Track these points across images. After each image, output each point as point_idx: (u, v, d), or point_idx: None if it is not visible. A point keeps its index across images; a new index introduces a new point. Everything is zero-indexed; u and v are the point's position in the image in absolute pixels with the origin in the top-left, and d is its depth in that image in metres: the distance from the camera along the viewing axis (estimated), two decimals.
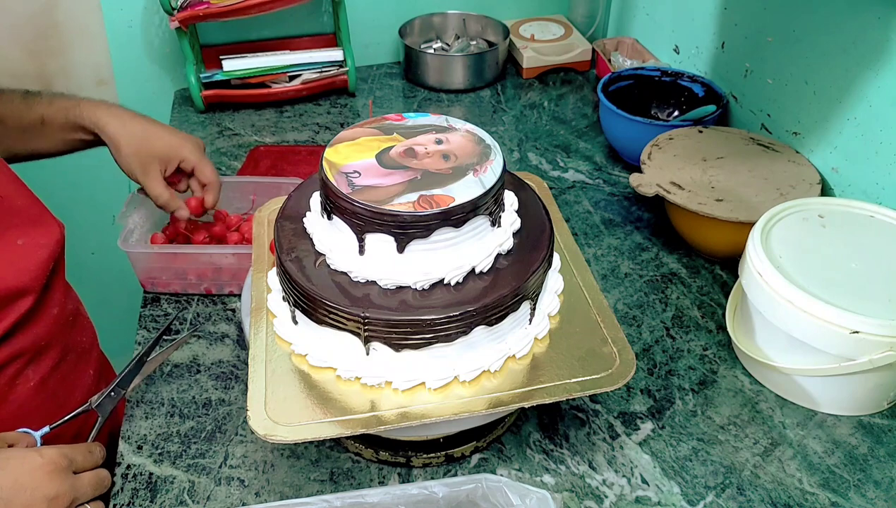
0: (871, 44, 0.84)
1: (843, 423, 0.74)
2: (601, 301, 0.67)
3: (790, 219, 0.79)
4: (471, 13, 1.39)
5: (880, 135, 0.85)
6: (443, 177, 0.60)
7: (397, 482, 0.69)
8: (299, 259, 0.62)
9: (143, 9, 1.28)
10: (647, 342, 0.83)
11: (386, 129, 0.66)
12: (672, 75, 1.15)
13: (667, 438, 0.73)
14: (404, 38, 1.34)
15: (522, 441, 0.72)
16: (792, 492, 0.68)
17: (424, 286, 0.59)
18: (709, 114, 1.06)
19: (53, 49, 1.30)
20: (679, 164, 0.94)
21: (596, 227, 1.00)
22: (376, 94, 1.32)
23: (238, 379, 0.78)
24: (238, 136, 1.20)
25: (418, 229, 0.57)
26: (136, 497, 0.67)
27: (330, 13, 1.36)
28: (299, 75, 1.26)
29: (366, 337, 0.59)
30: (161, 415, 0.75)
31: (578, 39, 1.38)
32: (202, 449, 0.71)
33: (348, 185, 0.59)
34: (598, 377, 0.61)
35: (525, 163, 1.13)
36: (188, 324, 0.85)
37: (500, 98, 1.31)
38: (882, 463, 0.70)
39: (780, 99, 1.01)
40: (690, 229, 0.92)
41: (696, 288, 0.90)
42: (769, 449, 0.71)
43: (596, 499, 0.67)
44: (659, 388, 0.78)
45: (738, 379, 0.79)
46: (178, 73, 1.34)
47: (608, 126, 1.11)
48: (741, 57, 1.08)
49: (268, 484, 0.68)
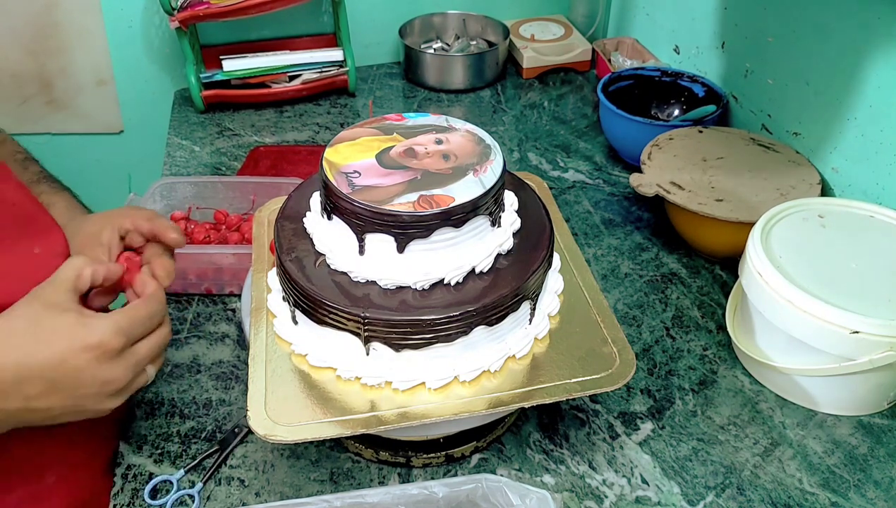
0: (872, 44, 0.84)
1: (843, 423, 0.74)
2: (601, 301, 0.67)
3: (790, 219, 0.79)
4: (471, 13, 1.40)
5: (880, 135, 0.85)
6: (443, 177, 0.60)
7: (397, 482, 0.69)
8: (299, 259, 0.62)
9: (143, 9, 1.28)
10: (647, 342, 0.83)
11: (386, 129, 0.66)
12: (672, 75, 1.15)
13: (667, 438, 0.73)
14: (404, 38, 1.34)
15: (522, 441, 0.72)
16: (792, 492, 0.68)
17: (424, 286, 0.59)
18: (709, 114, 1.06)
19: (53, 49, 1.30)
20: (679, 164, 0.94)
21: (596, 227, 1.00)
22: (376, 94, 1.32)
23: (238, 379, 0.78)
24: (238, 136, 1.20)
25: (418, 229, 0.57)
26: (136, 497, 0.67)
27: (330, 13, 1.36)
28: (299, 75, 1.26)
29: (366, 337, 0.59)
30: (161, 415, 0.75)
31: (578, 39, 1.38)
32: (202, 449, 0.71)
33: (348, 185, 0.59)
34: (598, 377, 0.61)
35: (525, 163, 1.13)
36: (188, 324, 0.85)
37: (500, 98, 1.31)
38: (882, 463, 0.70)
39: (780, 99, 1.01)
40: (690, 229, 0.92)
41: (696, 288, 0.90)
42: (769, 449, 0.71)
43: (596, 499, 0.67)
44: (659, 388, 0.78)
45: (738, 379, 0.79)
46: (178, 73, 1.34)
47: (608, 126, 1.11)
48: (741, 57, 1.08)
49: (268, 484, 0.68)
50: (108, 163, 1.42)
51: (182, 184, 0.96)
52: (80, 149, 1.40)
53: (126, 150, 1.43)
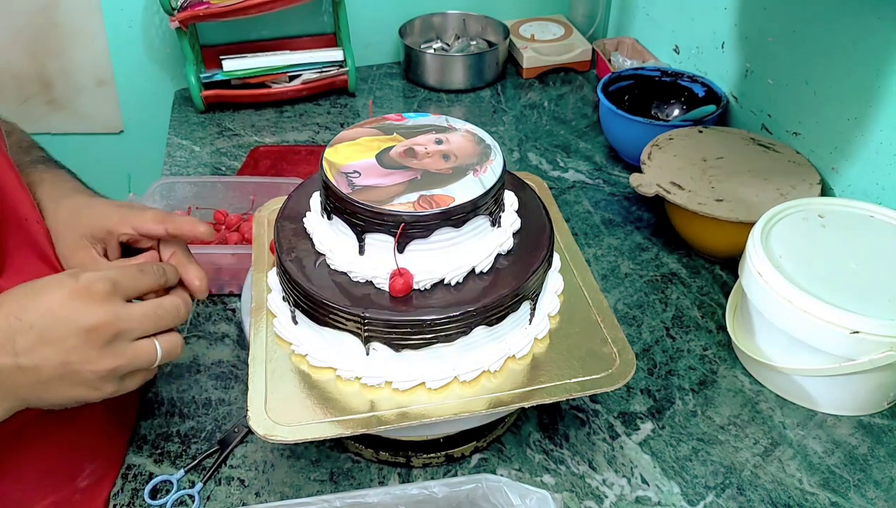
0: (872, 44, 0.84)
1: (843, 423, 0.74)
2: (601, 301, 0.67)
3: (790, 219, 0.79)
4: (471, 13, 1.40)
5: (880, 135, 0.85)
6: (443, 177, 0.60)
7: (397, 482, 0.69)
8: (299, 259, 0.62)
9: (143, 9, 1.28)
10: (647, 342, 0.83)
11: (386, 129, 0.66)
12: (672, 75, 1.15)
13: (667, 438, 0.73)
14: (404, 38, 1.34)
15: (522, 441, 0.72)
16: (792, 492, 0.68)
17: (425, 286, 0.59)
18: (709, 114, 1.06)
19: (53, 49, 1.30)
20: (679, 164, 0.94)
21: (596, 227, 1.00)
22: (376, 94, 1.32)
23: (238, 379, 0.78)
24: (238, 136, 1.20)
25: (418, 229, 0.58)
26: (136, 497, 0.67)
27: (330, 13, 1.36)
28: (299, 75, 1.26)
29: (366, 338, 0.59)
30: (161, 415, 0.75)
31: (578, 39, 1.38)
32: (202, 449, 0.71)
33: (348, 185, 0.59)
34: (598, 377, 0.61)
35: (525, 163, 1.13)
36: (188, 324, 0.85)
37: (500, 98, 1.31)
38: (882, 463, 0.70)
39: (780, 99, 1.01)
40: (690, 229, 0.92)
41: (696, 288, 0.90)
42: (769, 449, 0.71)
43: (596, 499, 0.67)
44: (659, 388, 0.78)
45: (738, 379, 0.79)
46: (178, 73, 1.34)
47: (608, 126, 1.11)
48: (741, 57, 1.08)
49: (268, 484, 0.68)
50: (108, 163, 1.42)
51: (182, 184, 0.96)
52: (80, 149, 1.40)
53: (126, 150, 1.43)
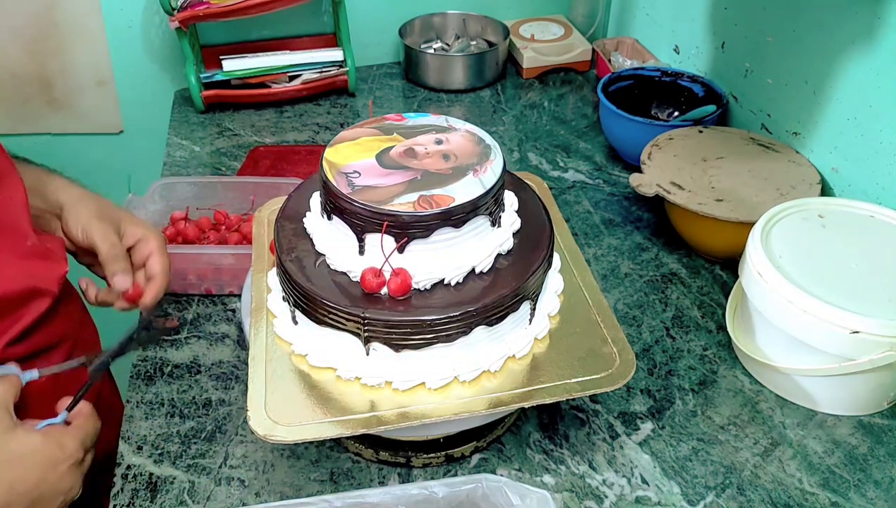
0: (871, 43, 0.84)
1: (843, 423, 0.74)
2: (601, 301, 0.67)
3: (790, 219, 0.79)
4: (471, 13, 1.39)
5: (880, 135, 0.85)
6: (443, 177, 0.60)
7: (397, 482, 0.69)
8: (299, 259, 0.62)
9: (143, 9, 1.28)
10: (647, 342, 0.83)
11: (386, 129, 0.66)
12: (672, 75, 1.15)
13: (667, 438, 0.73)
14: (404, 38, 1.34)
15: (522, 441, 0.72)
16: (792, 492, 0.68)
17: (425, 286, 0.59)
18: (709, 114, 1.06)
19: (53, 49, 1.30)
20: (679, 164, 0.94)
21: (596, 227, 1.00)
22: (376, 94, 1.32)
23: (238, 379, 0.78)
24: (238, 136, 1.20)
25: (418, 229, 0.58)
26: (136, 498, 0.67)
27: (330, 13, 1.36)
28: (299, 75, 1.26)
29: (366, 338, 0.59)
30: (161, 415, 0.75)
31: (578, 39, 1.38)
32: (202, 450, 0.71)
33: (348, 185, 0.59)
34: (598, 377, 0.61)
35: (525, 163, 1.13)
36: (188, 325, 0.85)
37: (500, 98, 1.31)
38: (882, 463, 0.70)
39: (780, 99, 1.01)
40: (690, 229, 0.92)
41: (696, 288, 0.90)
42: (769, 449, 0.71)
43: (596, 499, 0.67)
44: (659, 388, 0.78)
45: (738, 379, 0.79)
46: (178, 73, 1.34)
47: (608, 126, 1.11)
48: (741, 57, 1.08)
49: (268, 484, 0.68)
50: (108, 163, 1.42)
51: (182, 184, 0.96)
52: (80, 149, 1.40)
53: (126, 150, 1.43)
